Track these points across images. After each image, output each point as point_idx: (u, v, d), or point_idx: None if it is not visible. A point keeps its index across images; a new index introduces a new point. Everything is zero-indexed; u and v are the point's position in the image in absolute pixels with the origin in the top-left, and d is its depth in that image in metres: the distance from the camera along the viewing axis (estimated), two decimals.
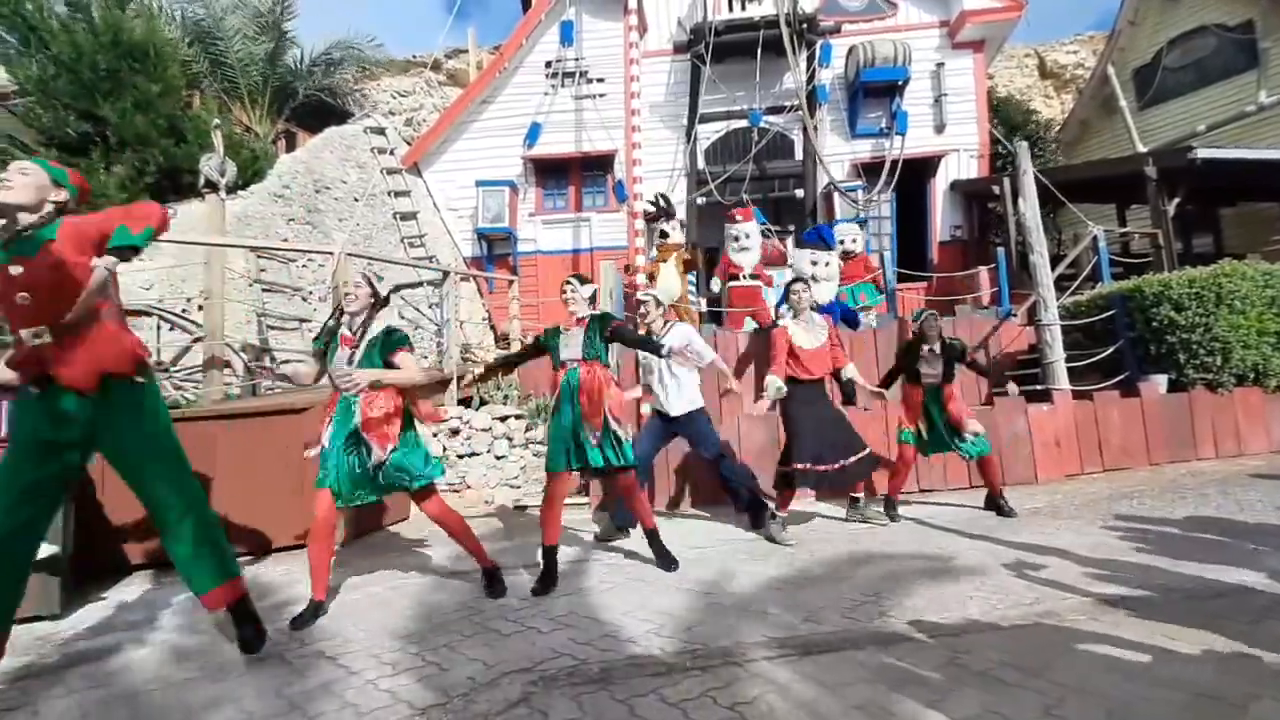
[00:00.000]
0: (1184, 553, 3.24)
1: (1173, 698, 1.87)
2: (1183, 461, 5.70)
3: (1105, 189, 9.86)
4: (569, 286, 3.45)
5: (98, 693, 2.26)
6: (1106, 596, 2.72)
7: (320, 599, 2.88)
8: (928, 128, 10.64)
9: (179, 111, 8.83)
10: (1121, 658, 2.15)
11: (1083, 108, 13.66)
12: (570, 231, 11.03)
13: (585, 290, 3.47)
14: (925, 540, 3.87)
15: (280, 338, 7.46)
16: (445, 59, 16.57)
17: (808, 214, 10.04)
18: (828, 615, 2.66)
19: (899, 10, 10.89)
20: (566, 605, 2.93)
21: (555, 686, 2.11)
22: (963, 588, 2.94)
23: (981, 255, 9.99)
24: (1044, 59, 17.02)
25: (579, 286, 3.46)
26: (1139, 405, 5.74)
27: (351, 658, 2.43)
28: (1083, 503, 4.57)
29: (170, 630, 2.85)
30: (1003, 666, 2.12)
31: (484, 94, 11.06)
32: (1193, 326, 5.80)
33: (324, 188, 9.48)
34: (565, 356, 3.34)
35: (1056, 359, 5.81)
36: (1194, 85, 11.59)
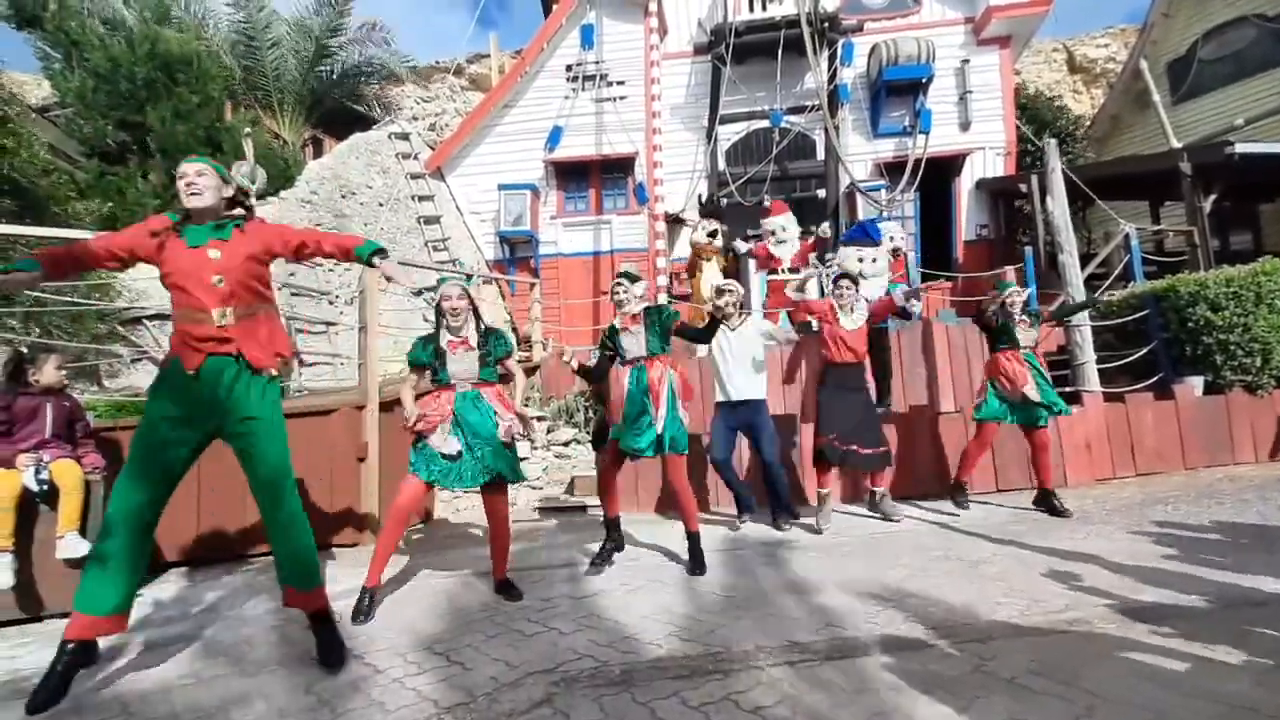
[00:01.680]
0: (1220, 560, 3.16)
1: (1208, 709, 1.82)
2: (1220, 466, 5.54)
3: (1138, 186, 9.62)
4: (620, 286, 3.55)
5: (137, 686, 2.33)
6: (1139, 604, 2.65)
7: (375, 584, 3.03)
8: (952, 125, 10.48)
9: (216, 122, 9.09)
10: (1154, 667, 2.10)
11: (1114, 103, 13.34)
12: (591, 234, 11.08)
13: (637, 289, 3.56)
14: (951, 543, 3.82)
15: (308, 341, 7.61)
16: (468, 64, 16.76)
17: (829, 214, 9.96)
18: (851, 618, 2.64)
19: (922, 7, 10.75)
20: (588, 607, 2.95)
21: (577, 687, 2.13)
22: (990, 592, 2.89)
23: (1008, 255, 9.81)
24: (1073, 53, 16.66)
25: (630, 285, 3.54)
26: (1174, 408, 5.59)
27: (378, 655, 2.48)
28: (1114, 507, 4.46)
29: (204, 627, 2.93)
30: (1030, 674, 2.08)
31: (506, 98, 11.17)
32: (1230, 327, 5.63)
33: (350, 193, 9.66)
34: (632, 355, 3.48)
35: (1087, 360, 5.68)
36: (1231, 78, 11.24)
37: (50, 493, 3.17)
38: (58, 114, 9.62)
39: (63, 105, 9.34)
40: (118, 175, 8.19)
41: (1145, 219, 10.28)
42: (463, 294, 3.17)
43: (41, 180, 6.76)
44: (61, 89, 8.81)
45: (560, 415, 6.60)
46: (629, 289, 3.52)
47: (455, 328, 3.14)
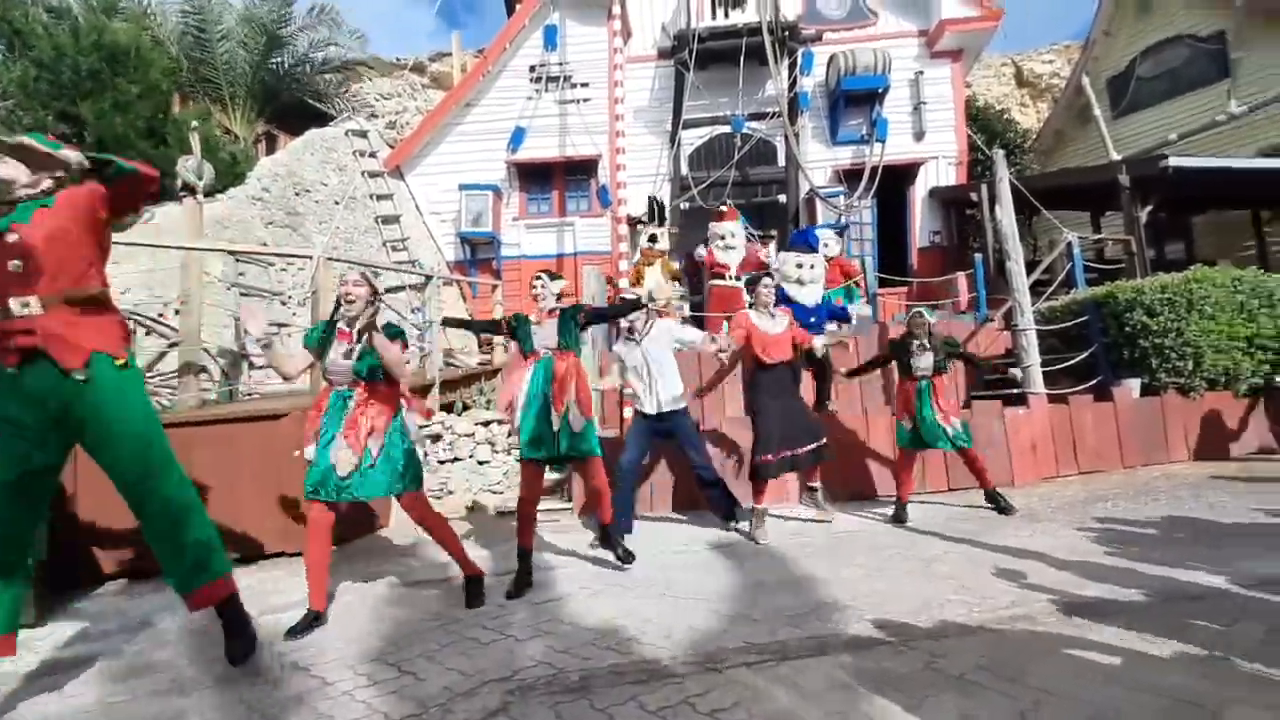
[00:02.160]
0: (1158, 555, 3.30)
1: (1149, 702, 1.89)
2: (1156, 464, 5.81)
3: (1080, 196, 10.04)
4: (539, 282, 3.60)
5: (70, 702, 2.20)
6: (1083, 600, 2.75)
7: (320, 608, 2.87)
8: (907, 135, 10.78)
9: (160, 114, 8.73)
10: (1097, 661, 2.17)
11: (1058, 116, 13.91)
12: (554, 236, 11.02)
13: (554, 285, 3.60)
14: (905, 543, 3.90)
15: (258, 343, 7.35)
16: (429, 62, 16.52)
17: (790, 219, 10.13)
18: (807, 620, 2.67)
19: (879, 19, 11.03)
20: (547, 612, 2.92)
21: (533, 695, 2.09)
22: (941, 591, 2.96)
23: (960, 261, 10.12)
24: (1020, 68, 17.34)
25: (549, 282, 3.60)
26: (1112, 409, 5.84)
27: (326, 668, 2.39)
28: (1059, 505, 4.63)
29: (142, 640, 2.79)
30: (979, 670, 2.13)
31: (467, 97, 11.03)
32: (1165, 331, 5.91)
33: (304, 190, 9.38)
34: (538, 344, 3.44)
35: (1032, 363, 5.89)
36: (1166, 95, 11.85)
37: None
38: None
39: (3, 96, 8.86)
40: None
41: (1087, 228, 10.73)
42: (361, 281, 2.97)
43: None
44: (3, 79, 8.37)
45: None
46: (547, 284, 3.58)
47: (350, 318, 2.93)
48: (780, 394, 4.28)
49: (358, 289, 2.94)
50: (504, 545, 4.28)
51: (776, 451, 4.12)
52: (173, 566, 2.32)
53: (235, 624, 2.40)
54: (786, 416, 4.21)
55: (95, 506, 3.69)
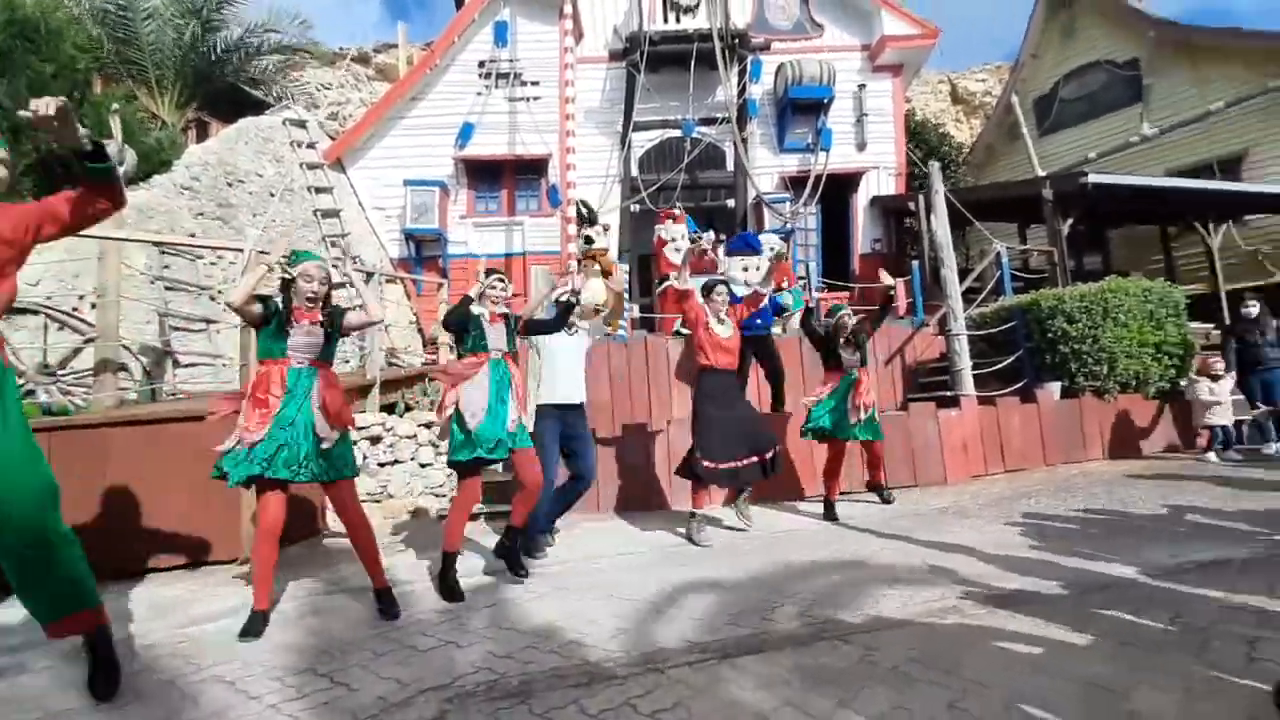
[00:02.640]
0: (1076, 548, 3.50)
1: (1065, 688, 2.00)
2: (1074, 463, 6.16)
3: (1008, 209, 10.58)
4: (500, 283, 3.54)
5: None
6: (1007, 592, 2.89)
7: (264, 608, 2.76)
8: (850, 145, 11.13)
9: (76, 95, 8.16)
10: (1020, 651, 2.28)
11: (989, 133, 14.64)
12: (503, 235, 10.87)
13: (508, 290, 3.60)
14: (843, 541, 4.01)
15: (185, 339, 6.97)
16: (375, 53, 16.05)
17: (738, 223, 10.29)
18: (748, 617, 2.71)
19: (824, 32, 11.35)
20: (488, 617, 2.86)
21: (472, 702, 2.05)
22: (876, 587, 3.06)
23: (899, 267, 10.50)
24: (956, 86, 18.17)
25: (505, 286, 3.58)
26: (1036, 410, 6.17)
27: (251, 681, 2.28)
28: (986, 502, 4.86)
29: (53, 656, 2.59)
30: (910, 662, 2.21)
31: (414, 90, 10.76)
32: (1083, 338, 6.29)
33: (237, 181, 8.95)
34: (493, 345, 3.41)
35: (964, 367, 6.16)
36: (1087, 116, 12.63)
37: None
38: None
39: None
40: None
41: (1015, 239, 11.34)
42: (326, 279, 2.95)
43: None
44: None
45: None
46: (507, 287, 3.56)
47: (312, 295, 2.94)
48: (727, 402, 4.22)
49: (321, 288, 2.94)
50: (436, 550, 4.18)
51: (718, 461, 4.05)
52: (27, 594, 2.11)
53: (107, 654, 2.23)
54: (733, 426, 4.13)
55: None
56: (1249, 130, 10.32)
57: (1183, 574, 3.03)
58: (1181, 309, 6.71)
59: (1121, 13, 12.21)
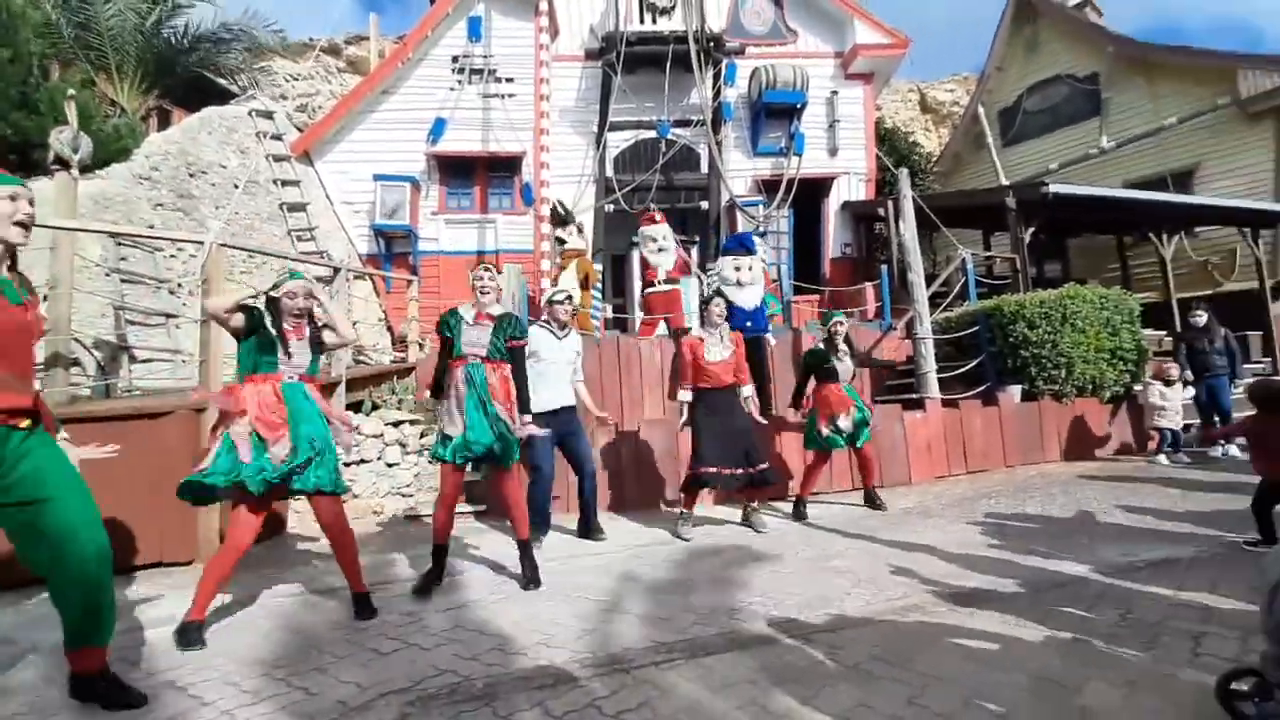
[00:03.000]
0: (1033, 547, 3.60)
1: (1019, 682, 2.06)
2: (1033, 464, 6.34)
3: (974, 216, 10.83)
4: (487, 274, 3.36)
5: None
6: (966, 590, 2.96)
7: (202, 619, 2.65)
8: (822, 150, 11.27)
9: (31, 81, 7.84)
10: (976, 647, 2.34)
11: (956, 142, 14.98)
12: (475, 232, 10.75)
13: (500, 281, 3.46)
14: (810, 541, 4.06)
15: (142, 333, 6.74)
16: (346, 44, 15.74)
17: (711, 226, 10.34)
18: (715, 618, 2.73)
19: (799, 38, 11.48)
20: (453, 619, 2.83)
21: (434, 706, 2.02)
22: (841, 585, 3.11)
23: (868, 272, 10.68)
24: (925, 95, 18.56)
25: (496, 276, 3.41)
26: (997, 413, 6.33)
27: (206, 686, 2.21)
28: (949, 502, 4.97)
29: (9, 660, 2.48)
30: (872, 660, 2.25)
31: (385, 83, 10.57)
32: (1043, 343, 6.48)
33: (200, 172, 8.69)
34: (467, 349, 3.25)
35: (929, 370, 6.29)
36: (1049, 127, 13.01)
37: None
38: None
39: None
40: None
41: (980, 246, 11.60)
42: (310, 296, 2.89)
43: None
44: None
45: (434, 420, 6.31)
46: (495, 280, 3.38)
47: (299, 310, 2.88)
48: (721, 412, 4.31)
49: (306, 302, 2.88)
50: (413, 550, 4.13)
51: (711, 467, 4.18)
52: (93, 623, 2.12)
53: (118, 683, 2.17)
54: (725, 436, 4.23)
55: None
56: (1200, 145, 10.74)
57: (1133, 572, 3.14)
58: (1136, 316, 6.95)
59: (1082, 28, 12.60)
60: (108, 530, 3.34)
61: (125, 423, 3.89)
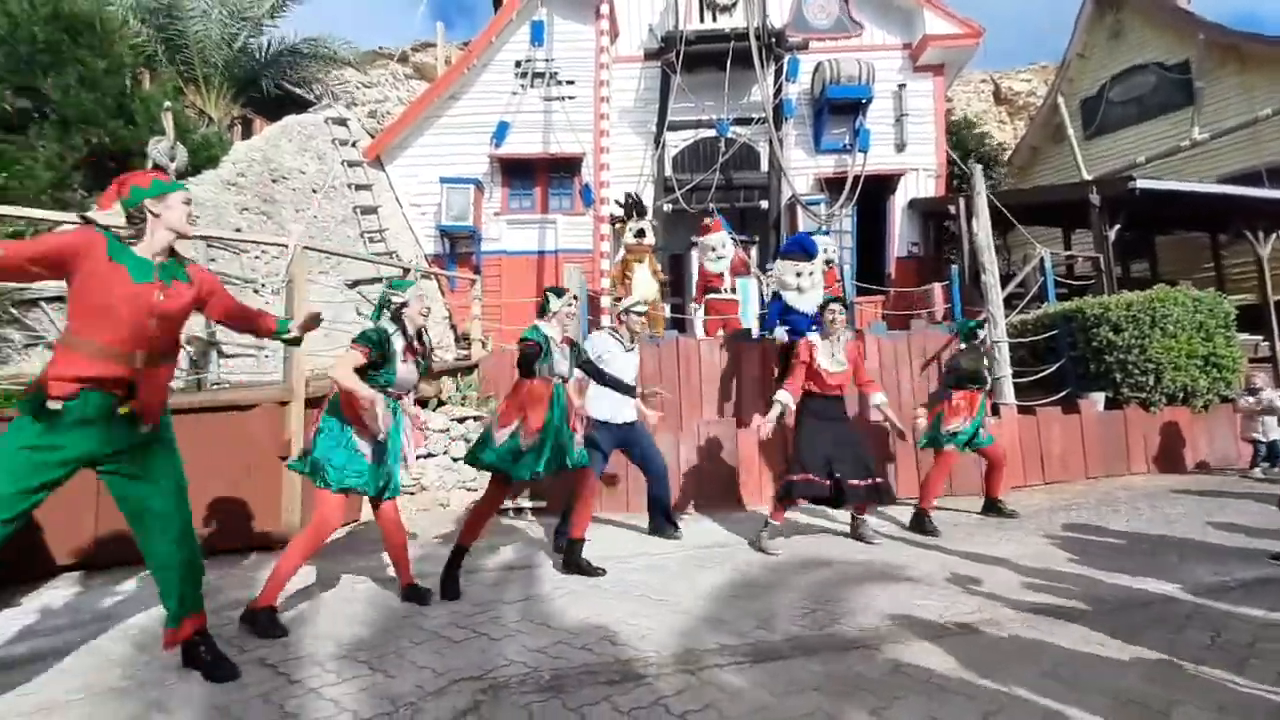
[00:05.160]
0: (1116, 563, 3.40)
1: (1101, 704, 1.96)
2: (1117, 476, 5.98)
3: (1053, 213, 10.29)
4: (575, 302, 3.58)
5: (29, 700, 2.13)
6: (1044, 605, 2.83)
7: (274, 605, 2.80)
8: (889, 146, 10.94)
9: (127, 91, 8.45)
10: (1056, 665, 2.24)
11: (1034, 134, 14.25)
12: (536, 233, 10.96)
13: (575, 307, 3.63)
14: (877, 549, 3.96)
15: (229, 331, 7.18)
16: (413, 52, 16.30)
17: (771, 225, 10.21)
18: (779, 623, 2.70)
19: (864, 31, 11.18)
20: (519, 612, 2.90)
21: (505, 695, 2.08)
22: (910, 596, 3.02)
23: (937, 271, 10.31)
24: (999, 86, 17.74)
25: (575, 305, 3.61)
26: (1078, 421, 6.00)
27: (294, 665, 2.35)
28: (1025, 514, 4.75)
29: (97, 635, 2.71)
30: (944, 674, 2.18)
31: (451, 89, 10.91)
32: (1129, 347, 6.10)
33: (281, 177, 9.19)
34: (560, 371, 3.42)
35: (1004, 375, 6.03)
36: (1135, 119, 12.21)
37: None
38: None
39: None
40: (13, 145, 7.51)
41: (1059, 244, 11.02)
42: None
43: None
44: None
45: None
46: (574, 309, 3.57)
47: (412, 337, 3.10)
48: (828, 417, 4.12)
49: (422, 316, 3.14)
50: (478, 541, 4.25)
51: (806, 475, 3.92)
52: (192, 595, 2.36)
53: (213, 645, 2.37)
54: (826, 446, 4.01)
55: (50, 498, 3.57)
56: None
57: (1225, 592, 2.95)
58: (1231, 320, 6.47)
59: (1170, 14, 11.77)
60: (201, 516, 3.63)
61: (216, 414, 4.17)
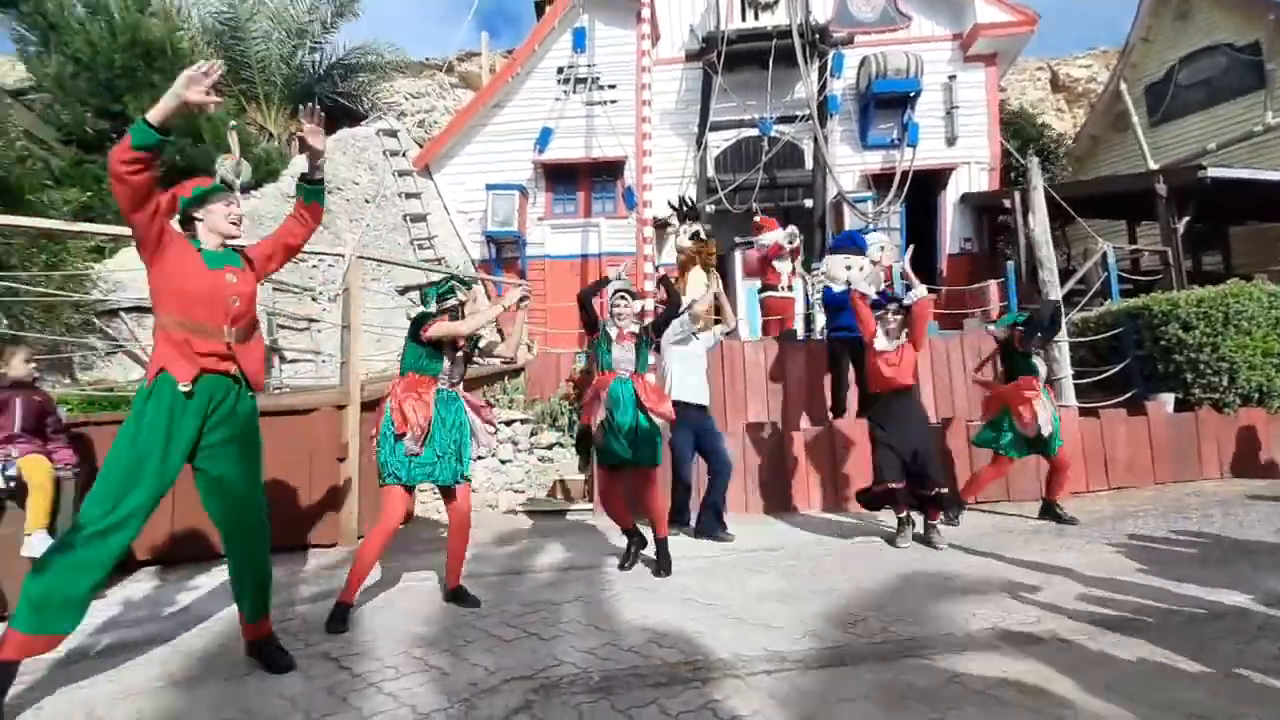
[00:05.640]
0: (1185, 573, 3.24)
1: (1168, 719, 1.88)
2: (1187, 481, 5.68)
3: (1116, 205, 9.84)
4: (624, 300, 3.59)
5: (104, 690, 2.29)
6: (1107, 616, 2.71)
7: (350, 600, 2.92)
8: (939, 140, 10.65)
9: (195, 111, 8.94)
10: (1121, 677, 2.15)
11: (1094, 123, 13.64)
12: (579, 236, 11.08)
13: (636, 305, 3.65)
14: (929, 556, 3.87)
15: (290, 337, 7.52)
16: (458, 62, 16.68)
17: (816, 223, 10.06)
18: (828, 630, 2.67)
19: (912, 22, 10.92)
20: (567, 613, 2.95)
21: (556, 694, 2.13)
22: (965, 604, 2.94)
23: (991, 268, 9.98)
24: (1056, 73, 17.02)
25: (631, 301, 3.62)
26: (1145, 424, 5.72)
27: (354, 659, 2.45)
28: (1087, 521, 4.55)
29: (175, 628, 2.88)
30: (1002, 685, 2.12)
31: (496, 98, 11.14)
32: (1200, 346, 5.78)
33: (336, 188, 9.56)
34: (618, 365, 3.53)
35: (1064, 375, 5.79)
36: (1204, 103, 11.56)
37: (18, 489, 3.10)
38: (33, 98, 9.40)
39: (38, 89, 9.13)
40: (95, 164, 8.04)
41: (1123, 237, 10.52)
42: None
43: (16, 168, 6.61)
44: (38, 73, 8.62)
45: (544, 418, 6.59)
46: (630, 305, 3.60)
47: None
48: (901, 418, 4.11)
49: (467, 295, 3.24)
50: (526, 541, 4.35)
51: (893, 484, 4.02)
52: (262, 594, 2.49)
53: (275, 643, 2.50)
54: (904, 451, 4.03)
55: None
56: None
57: None
58: None
59: None
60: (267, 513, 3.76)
61: (279, 418, 4.36)
